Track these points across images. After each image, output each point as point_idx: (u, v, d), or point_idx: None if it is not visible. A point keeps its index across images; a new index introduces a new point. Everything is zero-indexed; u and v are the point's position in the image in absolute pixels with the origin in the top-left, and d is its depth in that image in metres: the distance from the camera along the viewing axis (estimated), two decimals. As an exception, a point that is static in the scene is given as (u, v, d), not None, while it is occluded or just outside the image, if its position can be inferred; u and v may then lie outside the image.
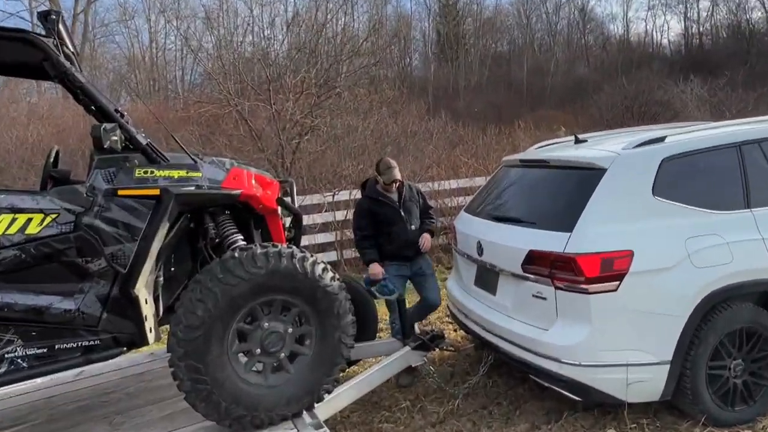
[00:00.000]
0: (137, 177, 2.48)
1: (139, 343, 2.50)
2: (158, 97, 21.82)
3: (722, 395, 3.01)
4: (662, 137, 3.22)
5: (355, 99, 11.34)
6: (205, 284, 2.36)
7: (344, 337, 2.62)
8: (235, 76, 10.85)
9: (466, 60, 33.59)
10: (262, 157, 8.99)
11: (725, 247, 2.96)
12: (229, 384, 2.40)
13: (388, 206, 4.13)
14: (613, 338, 2.88)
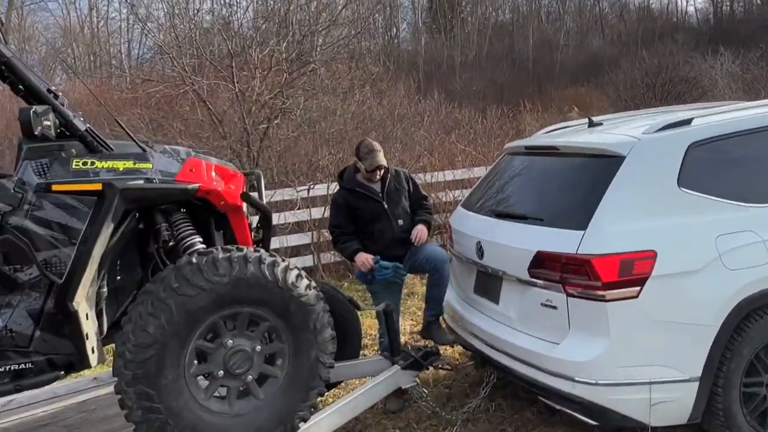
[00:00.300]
0: (75, 169, 2.45)
1: (79, 365, 2.46)
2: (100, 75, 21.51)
3: (759, 416, 3.04)
4: (689, 120, 3.25)
5: (333, 76, 11.30)
6: (158, 295, 2.33)
7: (322, 356, 2.60)
8: (192, 50, 10.74)
9: (463, 31, 33.61)
10: (224, 145, 8.92)
11: (761, 246, 2.99)
12: (187, 413, 2.38)
13: (369, 199, 3.99)
14: (634, 352, 2.90)
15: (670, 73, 19.66)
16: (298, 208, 7.98)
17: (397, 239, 3.96)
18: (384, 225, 3.96)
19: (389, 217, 3.96)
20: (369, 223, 3.97)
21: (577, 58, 29.80)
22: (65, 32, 28.07)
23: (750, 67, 19.36)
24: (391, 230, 3.95)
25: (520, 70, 28.79)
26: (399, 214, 4.01)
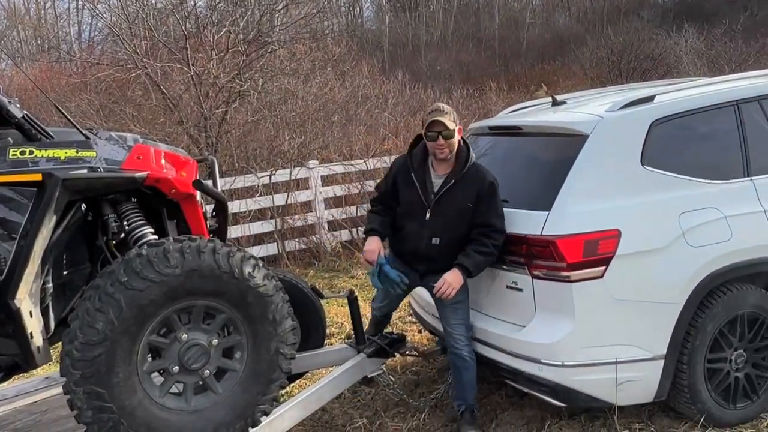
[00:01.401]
0: (12, 159, 2.35)
1: (24, 366, 2.41)
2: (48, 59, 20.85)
3: (723, 391, 3.12)
4: (651, 97, 3.29)
5: (293, 57, 11.16)
6: (106, 290, 2.27)
7: (283, 347, 2.57)
8: (144, 32, 10.50)
9: (428, 10, 33.55)
10: (180, 131, 8.79)
11: (723, 222, 3.05)
12: (141, 411, 2.33)
13: (415, 191, 3.16)
14: (599, 333, 2.95)
15: (636, 50, 19.93)
16: (260, 195, 7.89)
17: (421, 254, 3.22)
18: (414, 231, 3.20)
19: (425, 226, 3.16)
20: (403, 216, 3.27)
21: (543, 36, 30.01)
22: (9, 15, 27.09)
23: (714, 44, 19.75)
24: (419, 243, 3.19)
25: (486, 49, 28.85)
26: (440, 230, 3.14)
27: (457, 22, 32.13)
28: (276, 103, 10.21)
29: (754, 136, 3.32)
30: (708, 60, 18.47)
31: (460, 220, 3.09)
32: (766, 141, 3.34)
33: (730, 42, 19.61)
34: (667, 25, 23.55)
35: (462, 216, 3.09)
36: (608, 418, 3.20)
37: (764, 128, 3.36)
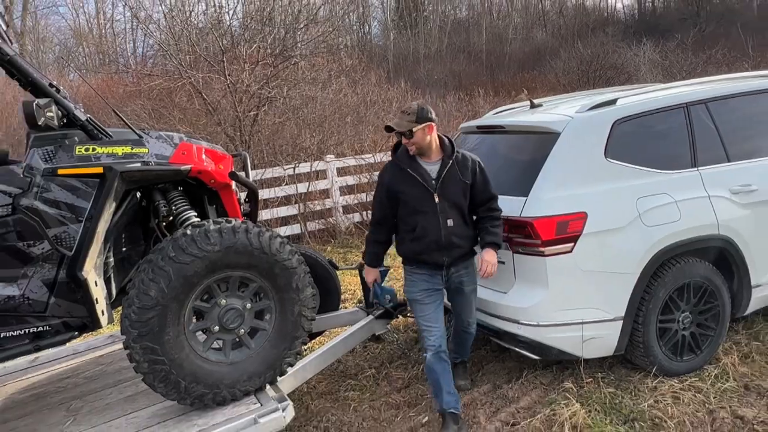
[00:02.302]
0: (78, 155, 2.36)
1: (91, 326, 2.41)
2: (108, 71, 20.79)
3: (671, 347, 3.13)
4: (613, 100, 3.25)
5: (312, 68, 11.08)
6: (157, 263, 2.28)
7: (305, 311, 2.59)
8: (188, 48, 10.41)
9: (426, 27, 33.18)
10: (218, 131, 8.74)
11: (674, 206, 3.04)
12: (187, 363, 2.36)
13: (418, 183, 2.77)
14: (568, 298, 2.95)
15: (601, 61, 19.67)
16: (286, 184, 7.89)
17: (442, 243, 2.78)
18: (429, 221, 2.77)
19: (437, 212, 2.76)
20: (412, 213, 2.80)
21: (524, 49, 29.61)
22: (75, 34, 27.01)
23: (668, 55, 19.49)
24: (437, 230, 2.76)
25: (475, 60, 28.50)
26: (450, 211, 2.79)
27: (450, 38, 31.80)
28: (298, 107, 10.15)
29: (700, 133, 3.29)
30: (663, 69, 18.21)
31: (463, 197, 2.82)
32: (710, 137, 3.31)
33: (681, 53, 19.34)
34: (628, 39, 23.19)
35: (464, 193, 2.83)
36: (575, 369, 3.21)
37: (709, 126, 3.33)
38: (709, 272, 3.15)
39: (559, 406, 2.91)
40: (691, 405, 2.86)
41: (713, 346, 3.22)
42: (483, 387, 3.29)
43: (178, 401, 2.42)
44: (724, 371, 3.12)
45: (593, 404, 2.92)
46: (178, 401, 2.42)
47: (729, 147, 3.31)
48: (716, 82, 3.69)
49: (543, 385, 3.21)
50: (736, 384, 3.01)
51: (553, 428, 2.77)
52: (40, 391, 3.02)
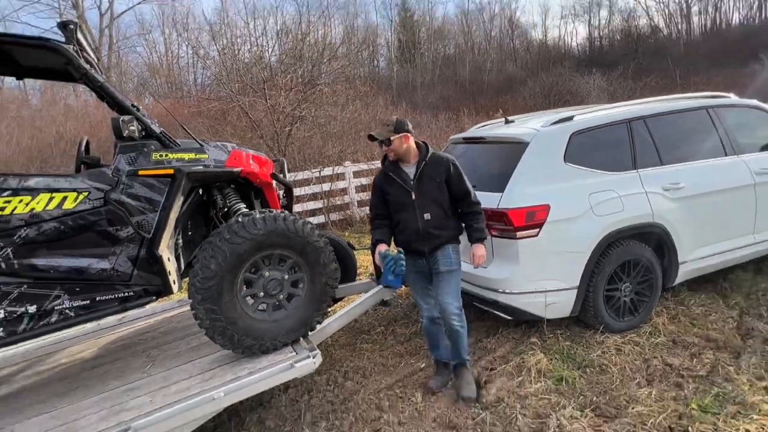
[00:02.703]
0: (154, 159, 2.36)
1: (165, 292, 2.42)
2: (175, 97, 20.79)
3: (615, 310, 3.12)
4: (571, 117, 3.22)
5: (333, 94, 11.04)
6: (216, 244, 2.29)
7: (329, 281, 2.59)
8: (236, 78, 10.39)
9: (422, 61, 32.92)
10: (261, 143, 8.72)
11: (618, 200, 3.02)
12: (240, 321, 2.37)
13: (398, 185, 2.60)
14: (535, 272, 2.93)
15: (560, 87, 19.46)
16: (313, 184, 7.88)
17: (421, 233, 2.58)
18: (409, 216, 2.59)
19: (414, 207, 2.58)
20: (397, 210, 2.65)
21: (499, 78, 29.29)
22: (149, 68, 27.02)
23: (612, 82, 19.26)
24: (415, 223, 2.58)
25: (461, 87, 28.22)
26: (427, 206, 2.57)
27: (441, 70, 31.55)
28: (323, 124, 10.13)
29: (639, 143, 3.25)
30: (608, 93, 17.95)
31: (439, 193, 2.58)
32: (647, 146, 3.27)
33: (623, 81, 19.13)
34: (581, 70, 22.88)
35: (440, 190, 2.58)
36: (540, 327, 3.21)
37: (646, 137, 3.29)
38: (646, 252, 3.13)
39: (527, 355, 2.91)
40: (630, 355, 2.85)
41: (648, 309, 3.20)
42: (468, 341, 3.28)
43: (233, 350, 2.44)
44: (656, 329, 3.10)
45: (554, 354, 2.92)
46: (233, 350, 2.44)
47: (662, 153, 3.28)
48: (651, 103, 3.64)
49: (515, 339, 3.21)
50: (666, 339, 2.99)
51: (522, 372, 2.77)
52: (126, 343, 3.04)
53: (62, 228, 2.16)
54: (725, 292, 3.54)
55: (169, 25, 27.02)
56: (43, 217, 2.12)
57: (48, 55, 2.23)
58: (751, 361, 2.66)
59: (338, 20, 30.26)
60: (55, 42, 2.19)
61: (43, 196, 2.12)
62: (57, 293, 2.19)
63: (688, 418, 2.26)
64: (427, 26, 35.21)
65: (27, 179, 2.12)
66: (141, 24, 27.60)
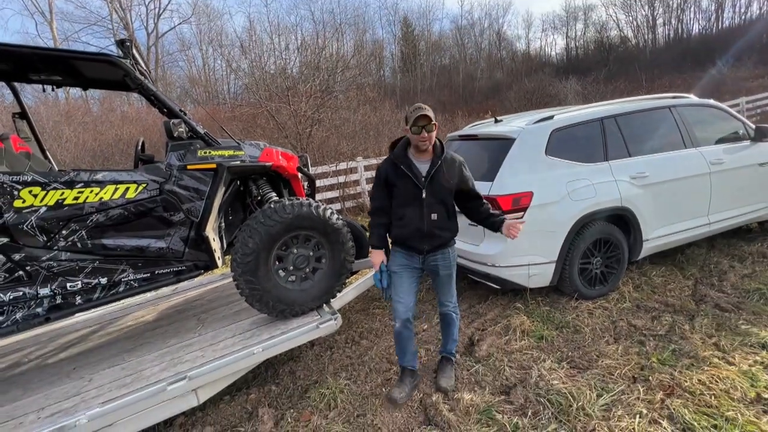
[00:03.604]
0: (200, 156, 2.37)
1: (212, 267, 2.46)
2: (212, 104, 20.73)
3: (588, 280, 3.12)
4: (552, 116, 3.17)
5: (347, 99, 10.94)
6: (253, 226, 2.31)
7: (347, 257, 2.60)
8: (264, 87, 10.32)
9: (421, 71, 32.42)
10: (286, 142, 8.70)
11: (591, 187, 2.99)
12: (274, 290, 2.41)
13: (408, 180, 2.10)
14: (520, 248, 2.93)
15: (541, 91, 19.09)
16: (331, 176, 7.87)
17: (425, 233, 2.14)
18: (415, 213, 2.13)
19: (422, 205, 2.11)
20: (402, 205, 2.16)
21: (488, 85, 28.76)
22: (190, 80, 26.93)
23: (587, 87, 18.85)
24: (421, 221, 2.12)
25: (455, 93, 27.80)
26: (435, 205, 2.12)
27: (438, 78, 31.05)
28: (338, 125, 10.06)
29: (610, 138, 3.20)
30: (583, 96, 17.60)
31: (448, 195, 2.13)
32: (617, 140, 3.22)
33: (596, 85, 18.70)
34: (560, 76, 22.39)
35: (450, 191, 2.13)
36: (524, 295, 3.22)
37: (616, 133, 3.23)
38: (615, 231, 3.11)
39: (513, 318, 2.93)
40: (600, 318, 2.86)
41: (616, 279, 3.20)
42: (463, 306, 3.31)
43: (268, 314, 2.48)
44: (623, 296, 3.10)
45: (535, 317, 2.94)
46: (268, 314, 2.48)
47: (630, 147, 3.22)
48: (621, 103, 3.56)
49: (502, 305, 3.23)
50: (631, 304, 3.00)
51: (508, 332, 2.80)
52: (180, 308, 3.10)
53: (126, 214, 2.20)
54: (682, 265, 3.52)
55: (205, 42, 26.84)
56: (110, 205, 2.16)
57: (109, 68, 2.24)
58: (703, 322, 2.66)
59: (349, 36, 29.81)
60: (116, 57, 2.20)
61: (110, 188, 2.16)
62: (123, 267, 2.24)
63: (648, 370, 2.27)
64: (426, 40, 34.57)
65: (96, 173, 2.15)
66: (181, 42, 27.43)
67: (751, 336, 2.45)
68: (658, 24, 29.38)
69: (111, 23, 20.86)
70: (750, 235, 3.89)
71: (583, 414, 1.99)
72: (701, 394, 2.03)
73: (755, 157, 3.53)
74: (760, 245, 3.68)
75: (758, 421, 1.84)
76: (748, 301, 2.86)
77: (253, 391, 2.49)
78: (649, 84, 18.86)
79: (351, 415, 2.21)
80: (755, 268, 3.32)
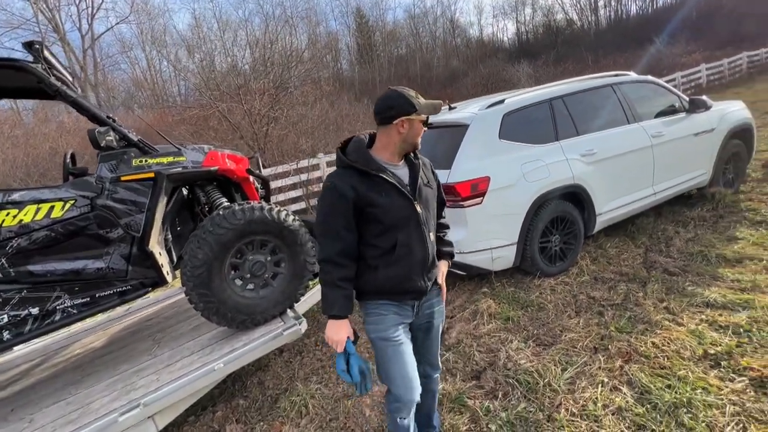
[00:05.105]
0: (135, 165, 2.19)
1: (161, 283, 2.30)
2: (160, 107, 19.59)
3: (548, 258, 3.19)
4: (503, 100, 3.19)
5: (303, 95, 10.65)
6: (201, 236, 2.17)
7: (308, 258, 2.51)
8: (213, 86, 9.84)
9: (378, 62, 32.26)
10: (242, 143, 8.36)
11: (545, 168, 3.05)
12: (230, 300, 2.28)
13: (395, 190, 1.39)
14: (481, 233, 2.95)
15: (495, 76, 19.56)
16: (292, 175, 7.64)
17: (428, 263, 1.46)
18: (413, 237, 1.42)
19: (420, 223, 1.42)
20: (389, 230, 1.39)
21: (444, 73, 29.08)
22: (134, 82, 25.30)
23: (538, 69, 19.51)
24: (423, 246, 1.44)
25: (413, 82, 27.83)
26: (429, 221, 1.48)
27: (395, 69, 31.02)
28: (296, 122, 9.78)
29: (560, 118, 3.27)
30: (535, 79, 18.20)
31: (432, 200, 1.51)
32: (566, 120, 3.29)
33: (546, 68, 19.39)
34: (512, 60, 23.01)
35: (434, 200, 1.54)
36: (489, 278, 3.26)
37: (565, 113, 3.31)
38: (570, 208, 3.20)
39: (479, 302, 2.95)
40: (562, 293, 2.94)
41: (574, 255, 3.30)
42: (431, 295, 3.31)
43: (228, 326, 2.35)
44: (582, 270, 3.20)
45: (501, 299, 2.98)
46: (228, 326, 2.35)
47: (578, 126, 3.31)
48: (567, 84, 3.65)
49: (469, 290, 3.25)
50: (589, 277, 3.10)
51: (476, 316, 2.82)
52: (133, 330, 2.90)
53: (53, 235, 1.99)
54: (633, 235, 3.69)
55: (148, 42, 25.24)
56: (33, 227, 1.95)
57: (18, 74, 2.00)
58: (654, 288, 2.80)
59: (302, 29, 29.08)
60: (23, 61, 1.96)
61: (30, 208, 1.94)
62: (58, 294, 2.03)
63: (608, 339, 2.37)
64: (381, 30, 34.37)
65: (11, 193, 1.93)
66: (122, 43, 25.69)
67: (697, 296, 2.61)
68: (600, 6, 30.82)
69: (38, 26, 19.09)
70: (691, 201, 4.15)
71: (550, 390, 2.04)
72: (655, 357, 2.13)
73: (690, 127, 3.75)
74: (700, 210, 3.93)
75: (706, 376, 1.96)
76: (692, 263, 3.04)
77: (220, 407, 2.37)
78: (594, 64, 19.78)
79: (323, 420, 2.14)
80: (697, 232, 3.54)
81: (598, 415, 1.85)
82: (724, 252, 3.10)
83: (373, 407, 2.17)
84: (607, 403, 1.91)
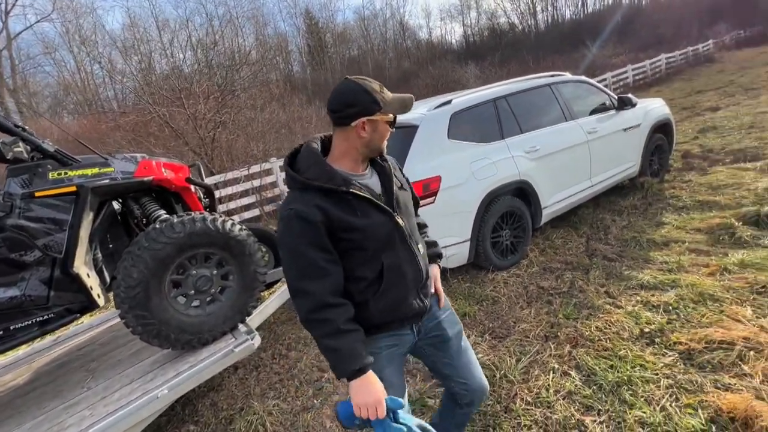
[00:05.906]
0: (52, 179, 1.96)
1: (91, 308, 2.08)
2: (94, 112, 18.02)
3: (500, 252, 3.30)
4: (450, 100, 3.25)
5: (251, 98, 10.26)
6: (135, 253, 1.98)
7: (258, 268, 2.38)
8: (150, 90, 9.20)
9: (330, 63, 32.02)
10: (186, 150, 7.88)
11: (492, 165, 3.14)
12: (173, 320, 2.11)
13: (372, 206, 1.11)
14: (435, 231, 2.95)
15: (445, 77, 20.10)
16: (244, 181, 7.31)
17: (423, 281, 1.21)
18: (401, 256, 1.14)
19: (406, 238, 1.16)
20: (372, 257, 1.11)
21: (396, 74, 29.43)
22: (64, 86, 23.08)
23: (485, 71, 20.33)
24: (415, 264, 1.18)
25: (366, 83, 27.99)
26: (414, 232, 1.23)
27: (348, 70, 30.89)
28: (244, 126, 9.39)
29: (504, 117, 3.39)
30: (482, 80, 18.92)
31: (410, 205, 1.28)
32: (510, 119, 3.42)
33: (493, 69, 20.25)
34: (461, 62, 23.80)
35: (410, 200, 1.30)
36: (445, 276, 3.29)
37: (509, 112, 3.44)
38: (517, 203, 3.32)
39: (437, 300, 2.98)
40: (514, 285, 3.04)
41: (524, 247, 3.43)
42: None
43: (172, 348, 2.17)
44: (531, 261, 3.34)
45: (458, 295, 3.03)
46: (172, 348, 2.17)
47: (522, 124, 3.46)
48: (509, 84, 3.81)
49: (427, 289, 3.28)
50: (538, 268, 3.23)
51: (435, 315, 2.84)
52: (63, 361, 2.60)
53: (-48, 263, 1.73)
54: (576, 225, 3.92)
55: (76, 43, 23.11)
56: (-77, 255, 1.67)
57: None
58: (596, 274, 2.99)
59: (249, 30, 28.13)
60: None
61: None
62: (-39, 330, 1.77)
63: (557, 326, 2.48)
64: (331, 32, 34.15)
65: None
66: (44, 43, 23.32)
67: (632, 279, 2.82)
68: (538, 11, 32.83)
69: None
70: (624, 191, 4.50)
71: (506, 381, 2.10)
72: (599, 340, 2.27)
73: (620, 123, 4.06)
74: (632, 199, 4.27)
75: (643, 354, 2.11)
76: (627, 249, 3.29)
77: (168, 437, 2.19)
78: (535, 65, 20.97)
79: (282, 437, 2.05)
80: (630, 219, 3.84)
81: (550, 401, 1.92)
82: (653, 237, 3.38)
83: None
84: (558, 388, 1.99)
